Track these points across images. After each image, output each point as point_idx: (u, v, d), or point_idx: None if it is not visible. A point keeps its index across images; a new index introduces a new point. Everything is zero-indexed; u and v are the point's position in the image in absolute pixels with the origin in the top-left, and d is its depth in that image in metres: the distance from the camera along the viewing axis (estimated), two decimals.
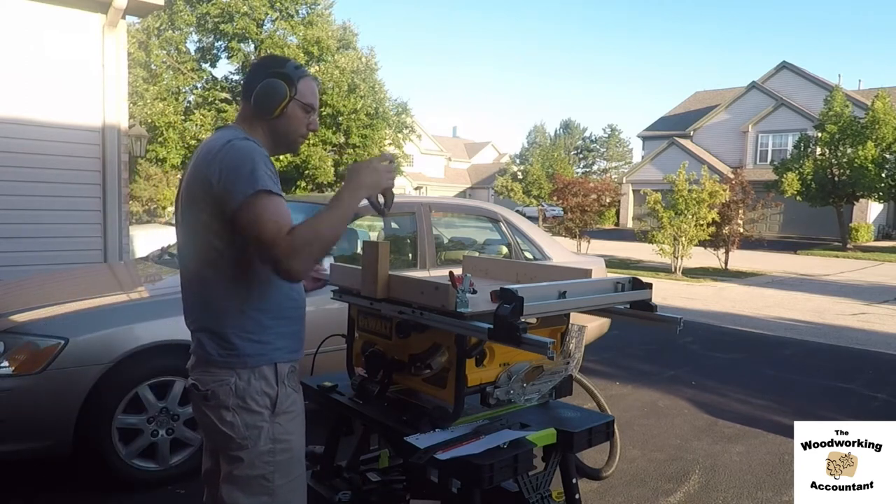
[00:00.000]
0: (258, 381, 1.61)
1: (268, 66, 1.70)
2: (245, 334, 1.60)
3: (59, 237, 5.65)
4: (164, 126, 16.82)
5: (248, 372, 1.60)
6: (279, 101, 1.66)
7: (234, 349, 1.59)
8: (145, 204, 22.35)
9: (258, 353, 1.61)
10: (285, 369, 1.66)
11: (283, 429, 1.64)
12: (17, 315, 3.02)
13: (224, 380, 1.59)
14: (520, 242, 4.71)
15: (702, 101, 35.02)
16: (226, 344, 1.59)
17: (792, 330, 7.91)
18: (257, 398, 1.60)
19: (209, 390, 1.60)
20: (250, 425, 1.60)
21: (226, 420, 1.59)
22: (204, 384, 1.61)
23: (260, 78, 1.67)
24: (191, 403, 1.72)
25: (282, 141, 1.73)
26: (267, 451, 1.61)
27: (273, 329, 1.63)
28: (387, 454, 2.46)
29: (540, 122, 67.30)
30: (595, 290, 1.97)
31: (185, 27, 18.48)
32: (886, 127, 19.93)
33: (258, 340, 1.61)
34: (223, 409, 1.59)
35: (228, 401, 1.59)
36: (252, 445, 1.60)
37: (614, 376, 5.40)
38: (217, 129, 1.71)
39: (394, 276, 1.92)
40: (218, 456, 1.72)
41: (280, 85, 1.66)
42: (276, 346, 1.64)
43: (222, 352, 1.60)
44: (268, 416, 1.61)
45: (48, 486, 3.13)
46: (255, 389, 1.60)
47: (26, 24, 5.51)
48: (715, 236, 14.17)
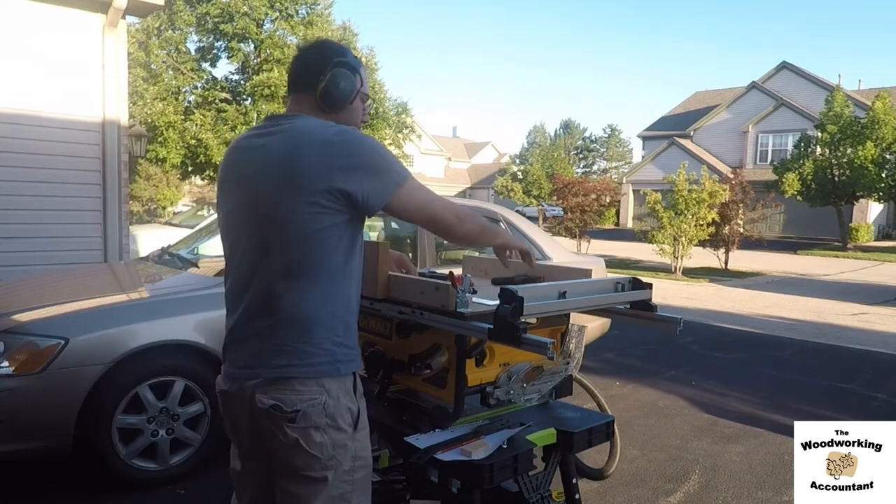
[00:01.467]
0: (345, 396, 1.53)
1: (331, 55, 1.60)
2: (338, 339, 1.51)
3: (59, 237, 5.65)
4: (164, 126, 16.80)
5: (336, 388, 1.51)
6: (351, 93, 1.60)
7: (328, 355, 1.49)
8: (145, 204, 22.36)
9: (349, 359, 1.54)
10: (359, 380, 1.60)
11: (361, 445, 1.57)
12: (18, 315, 3.02)
13: (315, 399, 1.48)
14: None
15: (702, 101, 35.02)
16: (316, 351, 1.48)
17: (792, 330, 7.91)
18: (345, 415, 1.52)
19: (298, 410, 1.46)
20: (338, 444, 1.50)
21: (314, 441, 1.48)
22: (290, 404, 1.46)
23: (325, 67, 1.57)
24: (248, 425, 1.55)
25: None
26: (349, 470, 1.53)
27: (349, 336, 1.56)
28: (387, 454, 2.45)
29: (540, 122, 67.29)
30: (595, 290, 1.97)
31: (184, 27, 18.46)
32: (886, 127, 19.92)
33: (349, 345, 1.54)
34: (313, 429, 1.48)
35: (321, 420, 1.48)
36: (337, 465, 1.50)
37: (614, 376, 5.40)
38: (296, 117, 1.55)
39: (394, 276, 1.93)
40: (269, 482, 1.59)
41: (350, 76, 1.59)
42: (353, 355, 1.57)
43: (306, 360, 1.48)
44: (351, 433, 1.53)
45: (48, 486, 3.13)
46: (343, 406, 1.52)
47: (26, 24, 5.51)
48: (715, 236, 14.17)
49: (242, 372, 1.54)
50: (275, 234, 1.49)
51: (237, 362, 1.57)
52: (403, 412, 2.03)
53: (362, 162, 1.48)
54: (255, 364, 1.52)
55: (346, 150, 1.47)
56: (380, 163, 1.50)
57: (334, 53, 1.60)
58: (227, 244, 1.62)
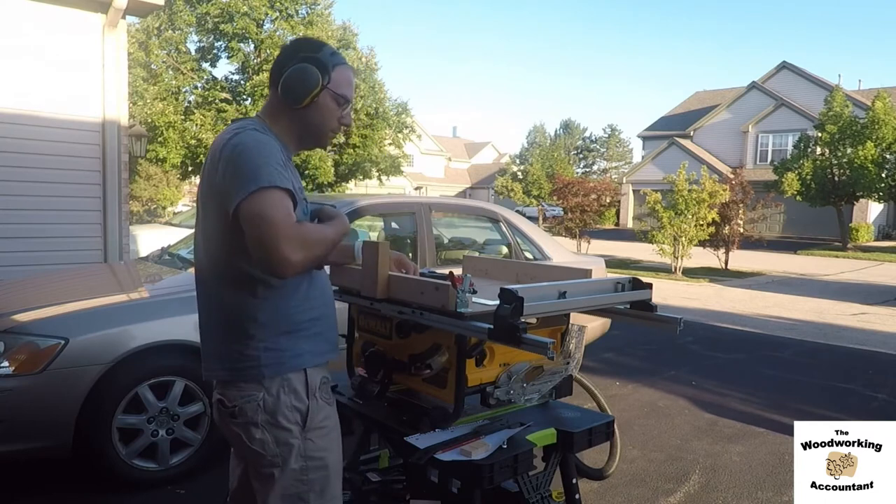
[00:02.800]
0: (288, 395, 1.51)
1: (300, 50, 1.56)
2: (260, 343, 1.50)
3: (59, 237, 5.65)
4: (164, 126, 16.81)
5: (277, 386, 1.50)
6: (310, 90, 1.52)
7: (252, 360, 1.50)
8: (145, 204, 22.32)
9: (276, 362, 1.51)
10: (317, 379, 1.57)
11: (315, 445, 1.55)
12: (18, 315, 3.02)
13: (252, 395, 1.50)
14: (520, 242, 4.71)
15: (702, 101, 35.02)
16: (242, 356, 1.50)
17: (792, 330, 7.91)
18: (287, 414, 1.51)
19: (236, 406, 1.51)
20: (281, 442, 1.51)
21: (255, 437, 1.51)
22: (231, 400, 1.52)
23: (290, 62, 1.53)
24: (217, 418, 1.62)
25: (310, 134, 1.61)
26: (299, 470, 1.52)
27: (292, 334, 1.53)
28: (387, 454, 2.46)
29: (540, 122, 67.31)
30: (595, 290, 1.97)
31: (184, 27, 18.47)
32: (886, 127, 19.92)
33: (274, 348, 1.51)
34: (252, 426, 1.51)
35: (257, 417, 1.50)
36: (283, 463, 1.51)
37: (614, 376, 5.40)
38: (232, 121, 1.59)
39: (394, 276, 1.92)
40: (246, 474, 1.65)
41: (312, 71, 1.52)
42: (295, 353, 1.53)
43: (240, 364, 1.50)
44: (298, 432, 1.52)
45: (48, 486, 3.13)
46: (285, 404, 1.51)
47: (26, 24, 5.51)
48: (715, 236, 14.17)
49: (203, 364, 1.63)
50: (201, 235, 1.57)
51: (203, 354, 1.64)
52: (403, 412, 2.03)
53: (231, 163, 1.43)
54: (205, 361, 1.62)
55: (224, 153, 1.45)
56: (245, 167, 1.41)
57: (304, 49, 1.56)
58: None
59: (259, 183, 1.38)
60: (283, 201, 1.40)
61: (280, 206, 1.38)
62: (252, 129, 1.49)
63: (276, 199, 1.39)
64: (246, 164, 1.41)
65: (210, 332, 1.59)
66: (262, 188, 1.38)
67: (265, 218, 1.36)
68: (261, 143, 1.45)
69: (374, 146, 20.59)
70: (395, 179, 28.04)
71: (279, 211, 1.38)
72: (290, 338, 1.53)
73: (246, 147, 1.43)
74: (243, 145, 1.44)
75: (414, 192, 39.51)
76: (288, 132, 1.59)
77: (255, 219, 1.37)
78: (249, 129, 1.49)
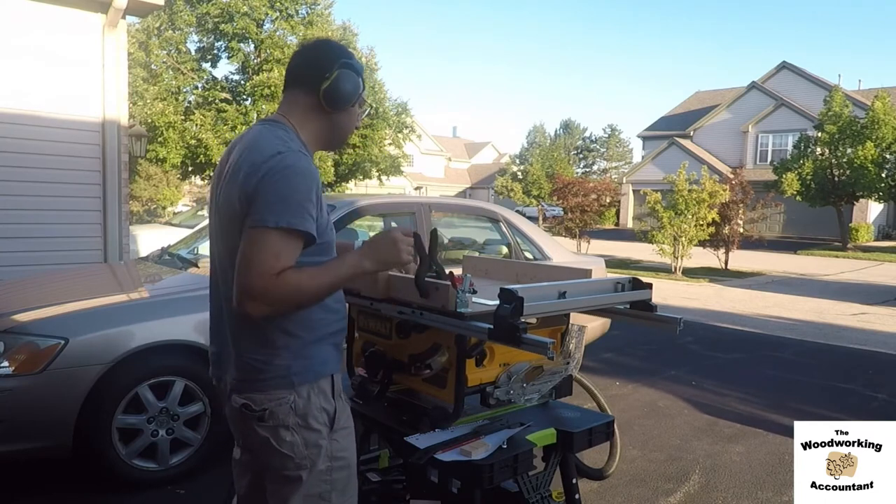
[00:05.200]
0: (317, 396, 1.52)
1: (339, 55, 1.56)
2: (289, 353, 1.49)
3: (59, 237, 5.65)
4: (164, 126, 16.79)
5: (307, 388, 1.50)
6: (354, 95, 1.56)
7: (282, 369, 1.49)
8: (145, 204, 22.34)
9: (306, 370, 1.51)
10: (339, 382, 1.59)
11: (339, 445, 1.56)
12: (18, 315, 3.02)
13: (283, 398, 1.48)
14: (520, 242, 4.71)
15: (702, 101, 35.01)
16: (270, 365, 1.49)
17: (792, 330, 7.91)
18: (317, 415, 1.51)
19: (266, 410, 1.48)
20: (311, 444, 1.50)
21: (285, 440, 1.49)
22: (258, 403, 1.49)
23: (332, 65, 1.53)
24: (231, 422, 1.59)
25: (338, 136, 1.63)
26: (325, 470, 1.53)
27: (321, 342, 1.54)
28: (387, 454, 2.46)
29: (540, 122, 67.29)
30: (595, 290, 1.97)
31: (185, 27, 18.46)
32: (886, 127, 19.92)
33: (304, 356, 1.51)
34: (282, 428, 1.49)
35: (289, 420, 1.48)
36: (311, 465, 1.51)
37: (614, 376, 5.40)
38: (264, 123, 1.55)
39: (394, 276, 1.92)
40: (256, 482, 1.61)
41: (355, 78, 1.55)
42: (323, 360, 1.55)
43: (269, 374, 1.49)
44: (326, 433, 1.53)
45: (48, 486, 3.13)
46: (315, 406, 1.51)
47: (26, 24, 5.51)
48: (715, 236, 14.17)
49: (217, 367, 1.61)
50: (224, 241, 1.51)
51: (214, 356, 1.63)
52: (403, 412, 2.03)
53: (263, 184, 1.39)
54: (222, 363, 1.59)
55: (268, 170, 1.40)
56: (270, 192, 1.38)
57: (342, 54, 1.57)
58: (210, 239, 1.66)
59: (277, 221, 1.37)
60: (285, 247, 1.39)
61: (269, 251, 1.36)
62: (298, 151, 1.46)
63: (276, 244, 1.37)
64: (279, 192, 1.38)
65: (229, 338, 1.55)
66: (269, 228, 1.36)
67: (247, 261, 1.37)
68: (305, 175, 1.42)
69: (374, 146, 20.58)
70: (395, 179, 28.03)
71: (263, 259, 1.36)
72: (318, 346, 1.54)
73: (293, 173, 1.40)
74: (291, 170, 1.40)
75: (414, 192, 39.49)
76: (316, 135, 1.59)
77: (243, 256, 1.38)
78: (294, 149, 1.46)
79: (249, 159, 1.44)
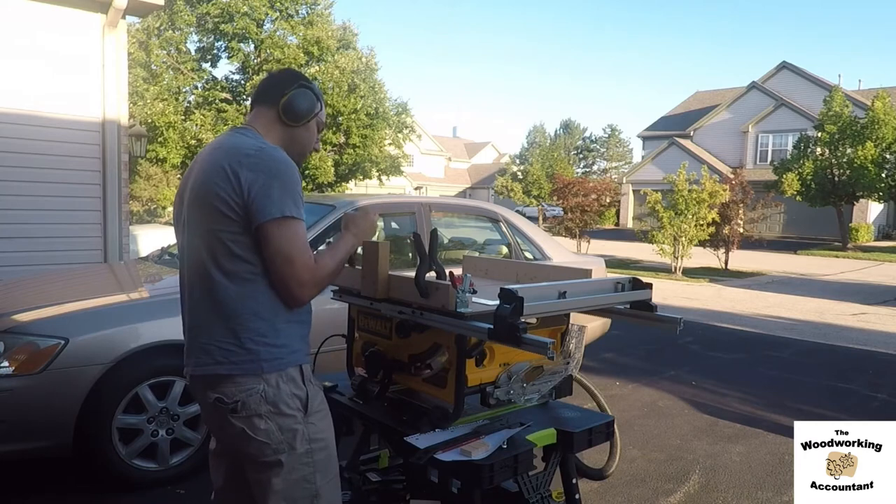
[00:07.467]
0: (287, 383, 1.58)
1: (297, 77, 1.74)
2: (260, 338, 1.56)
3: (59, 237, 5.65)
4: (164, 126, 16.81)
5: (276, 377, 1.57)
6: (311, 111, 1.73)
7: (251, 353, 1.55)
8: (145, 204, 22.33)
9: (275, 358, 1.57)
10: (308, 370, 1.66)
11: (316, 427, 1.63)
12: (18, 315, 3.02)
13: (252, 388, 1.55)
14: (520, 242, 4.71)
15: (702, 101, 35.01)
16: (242, 350, 1.55)
17: (792, 330, 7.91)
18: (289, 401, 1.58)
19: (238, 401, 1.55)
20: (285, 429, 1.57)
21: (259, 428, 1.56)
22: (230, 396, 1.56)
23: (291, 85, 1.70)
24: (206, 416, 1.66)
25: (295, 151, 1.74)
26: (305, 453, 1.60)
27: (288, 332, 1.61)
28: (387, 454, 2.46)
29: (540, 123, 67.36)
30: (595, 290, 1.97)
31: (185, 27, 18.48)
32: (886, 127, 19.92)
33: (274, 344, 1.58)
34: (255, 417, 1.55)
35: (261, 408, 1.55)
36: (289, 448, 1.57)
37: (614, 376, 5.40)
38: (234, 130, 1.69)
39: (394, 276, 1.92)
40: (233, 470, 1.69)
41: (312, 97, 1.73)
42: (292, 349, 1.61)
43: (238, 357, 1.55)
44: (301, 417, 1.59)
45: (48, 486, 3.13)
46: (286, 393, 1.58)
47: (26, 24, 5.51)
48: (715, 236, 14.17)
49: (189, 360, 1.66)
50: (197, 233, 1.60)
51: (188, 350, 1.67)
52: (403, 412, 2.03)
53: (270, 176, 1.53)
54: (193, 357, 1.63)
55: (256, 163, 1.54)
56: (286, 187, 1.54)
57: (302, 78, 1.75)
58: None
59: (292, 211, 1.53)
60: (304, 236, 1.56)
61: (301, 244, 1.54)
62: (274, 148, 1.61)
63: (300, 235, 1.54)
64: (284, 184, 1.54)
65: (201, 326, 1.61)
66: (289, 217, 1.52)
67: (287, 258, 1.52)
68: (294, 168, 1.59)
69: (374, 146, 20.59)
70: (395, 179, 28.04)
71: (301, 253, 1.54)
72: (287, 335, 1.61)
73: (287, 166, 1.57)
74: (284, 163, 1.57)
75: (414, 192, 39.50)
76: (278, 145, 1.70)
77: (278, 255, 1.52)
78: (272, 146, 1.61)
79: (235, 157, 1.55)
